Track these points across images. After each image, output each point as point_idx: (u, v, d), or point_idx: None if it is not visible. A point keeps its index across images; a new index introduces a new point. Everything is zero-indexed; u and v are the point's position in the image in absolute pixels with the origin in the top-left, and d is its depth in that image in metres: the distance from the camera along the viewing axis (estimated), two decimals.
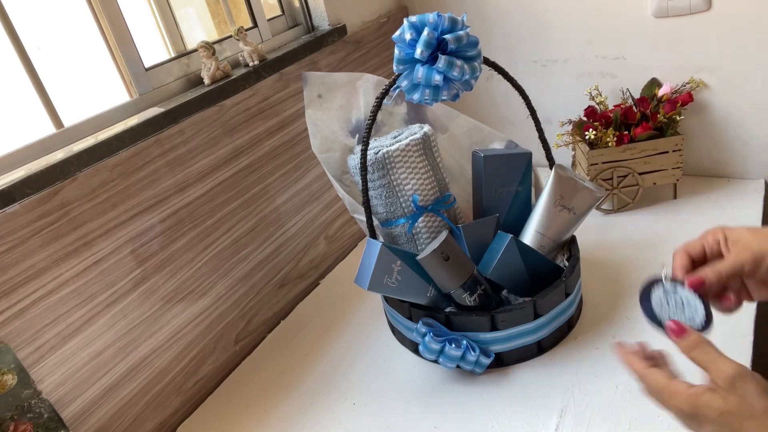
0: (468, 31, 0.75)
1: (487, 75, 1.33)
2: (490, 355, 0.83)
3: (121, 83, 0.90)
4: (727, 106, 1.14)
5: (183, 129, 0.88)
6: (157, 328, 0.87)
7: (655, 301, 0.60)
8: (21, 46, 0.77)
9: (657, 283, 0.61)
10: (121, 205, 0.80)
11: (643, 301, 0.61)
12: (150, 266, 0.85)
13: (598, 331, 0.88)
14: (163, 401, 0.88)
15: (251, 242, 1.02)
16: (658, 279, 0.61)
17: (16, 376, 0.69)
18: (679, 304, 0.60)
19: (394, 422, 0.81)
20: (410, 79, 0.76)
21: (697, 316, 0.59)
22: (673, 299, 0.60)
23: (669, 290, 0.60)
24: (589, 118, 1.15)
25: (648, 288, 0.61)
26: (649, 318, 0.60)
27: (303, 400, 0.89)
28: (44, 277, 0.72)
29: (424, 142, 0.92)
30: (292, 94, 1.08)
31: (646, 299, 0.61)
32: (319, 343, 1.00)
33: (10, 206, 0.68)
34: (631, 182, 1.13)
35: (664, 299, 0.60)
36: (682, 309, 0.59)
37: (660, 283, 0.60)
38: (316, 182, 1.16)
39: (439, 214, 0.93)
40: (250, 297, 1.03)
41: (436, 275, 0.81)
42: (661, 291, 0.60)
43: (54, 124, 0.81)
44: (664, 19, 1.12)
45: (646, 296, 0.61)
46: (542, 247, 0.89)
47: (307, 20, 1.19)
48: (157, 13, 0.98)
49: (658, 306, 0.60)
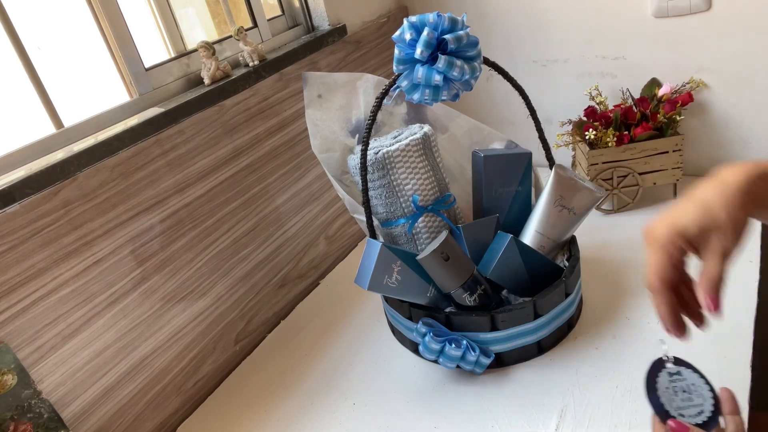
0: (468, 31, 0.75)
1: (487, 75, 1.33)
2: (490, 355, 0.83)
3: (121, 83, 0.90)
4: (727, 106, 1.14)
5: (183, 129, 0.88)
6: (157, 328, 0.87)
7: (663, 392, 0.56)
8: (21, 46, 0.77)
9: (660, 368, 0.57)
10: (121, 205, 0.80)
11: (650, 393, 0.57)
12: (150, 266, 0.85)
13: (598, 331, 0.88)
14: (163, 401, 0.88)
15: (251, 242, 1.02)
16: (661, 362, 0.57)
17: (16, 376, 0.69)
18: (686, 390, 0.56)
19: (394, 422, 0.81)
20: (410, 79, 0.76)
21: (705, 402, 0.56)
22: (681, 386, 0.57)
23: (674, 375, 0.57)
24: (589, 118, 1.15)
25: (652, 375, 0.57)
26: (659, 413, 0.55)
27: (303, 400, 0.89)
28: (44, 277, 0.72)
29: (424, 142, 0.92)
30: (292, 94, 1.08)
31: (653, 391, 0.57)
32: (319, 343, 1.00)
33: (10, 206, 0.68)
34: (631, 182, 1.13)
35: (671, 388, 0.56)
36: (689, 397, 0.56)
37: (663, 369, 0.57)
38: (316, 182, 1.16)
39: (439, 214, 0.93)
40: (250, 297, 1.03)
41: (436, 275, 0.81)
42: (667, 377, 0.57)
43: (54, 124, 0.81)
44: (664, 19, 1.12)
45: (652, 386, 0.57)
46: (542, 247, 0.89)
47: (307, 20, 1.19)
48: (157, 13, 0.98)
49: (666, 398, 0.56)
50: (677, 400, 0.56)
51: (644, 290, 0.94)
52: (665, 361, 0.58)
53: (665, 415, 0.55)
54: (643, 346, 0.83)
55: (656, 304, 0.54)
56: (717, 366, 0.77)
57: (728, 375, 0.76)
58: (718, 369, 0.77)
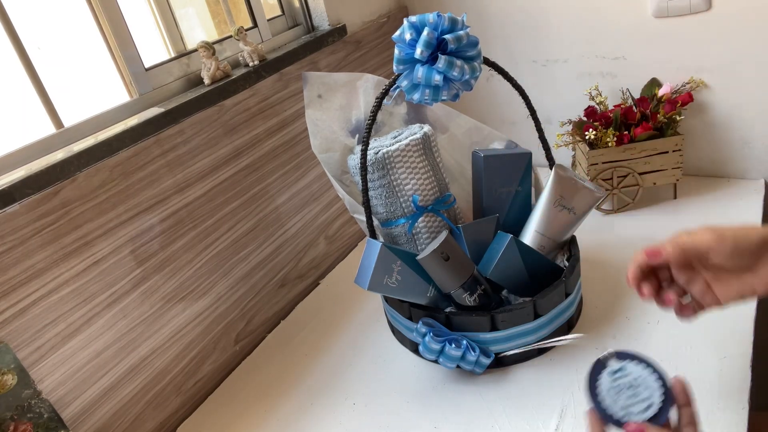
0: (468, 31, 0.75)
1: (487, 75, 1.33)
2: (490, 355, 0.83)
3: (121, 83, 0.90)
4: (727, 106, 1.14)
5: (183, 129, 0.88)
6: (157, 328, 0.87)
7: (605, 392, 0.54)
8: (21, 46, 0.77)
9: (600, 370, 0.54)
10: (121, 205, 0.80)
11: (592, 396, 0.54)
12: (150, 266, 0.85)
13: (598, 331, 0.88)
14: (163, 401, 0.88)
15: (251, 242, 1.02)
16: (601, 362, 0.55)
17: (16, 376, 0.69)
18: (631, 387, 0.53)
19: (394, 422, 0.81)
20: (410, 79, 0.76)
21: (654, 394, 0.53)
22: (626, 382, 0.54)
23: (617, 372, 0.54)
24: (589, 118, 1.15)
25: (593, 379, 0.54)
26: (603, 417, 0.53)
27: (303, 400, 0.89)
28: (44, 277, 0.72)
29: (424, 142, 0.92)
30: (292, 94, 1.08)
31: (595, 396, 0.54)
32: (319, 343, 1.00)
33: (10, 206, 0.68)
34: (631, 182, 1.13)
35: (615, 387, 0.54)
36: (635, 392, 0.53)
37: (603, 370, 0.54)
38: (316, 182, 1.16)
39: (439, 214, 0.93)
40: (250, 297, 1.03)
41: (436, 275, 0.81)
42: (608, 379, 0.54)
43: (54, 124, 0.81)
44: (664, 19, 1.12)
45: (594, 391, 0.54)
46: (542, 247, 0.89)
47: (307, 20, 1.19)
48: (157, 13, 0.98)
49: (610, 398, 0.53)
50: (622, 398, 0.53)
51: None
52: (605, 360, 0.55)
53: (610, 419, 0.53)
54: (643, 346, 0.83)
55: None
56: (717, 366, 0.78)
57: (728, 375, 0.76)
58: (718, 369, 0.77)
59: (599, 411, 0.53)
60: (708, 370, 0.77)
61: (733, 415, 0.70)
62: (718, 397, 0.73)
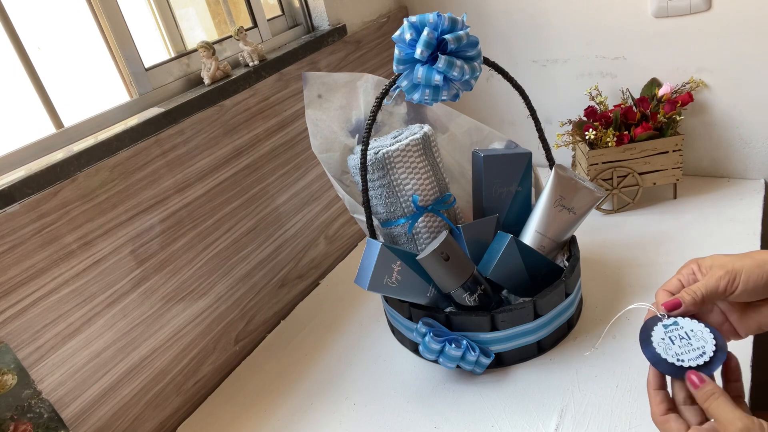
0: (468, 31, 0.75)
1: (487, 75, 1.33)
2: (490, 355, 0.83)
3: (121, 83, 0.90)
4: (727, 106, 1.14)
5: (183, 129, 0.88)
6: (157, 328, 0.87)
7: (658, 343, 0.55)
8: (21, 46, 0.77)
9: (656, 322, 0.56)
10: (121, 205, 0.80)
11: (645, 347, 0.56)
12: (150, 266, 0.85)
13: (598, 331, 0.88)
14: (163, 401, 0.88)
15: (251, 242, 1.02)
16: (655, 318, 0.57)
17: (16, 376, 0.69)
18: (684, 337, 0.55)
19: (394, 422, 0.81)
20: (410, 79, 0.76)
21: (707, 344, 0.54)
22: (677, 335, 0.55)
23: (670, 326, 0.56)
24: (589, 118, 1.15)
25: (647, 331, 0.56)
26: (655, 362, 0.55)
27: (303, 400, 0.89)
28: (44, 277, 0.72)
29: (424, 142, 0.92)
30: (292, 94, 1.08)
31: (647, 344, 0.56)
32: (319, 343, 1.00)
33: (10, 206, 0.68)
34: (631, 182, 1.13)
35: (668, 338, 0.55)
36: (689, 342, 0.55)
37: (658, 322, 0.56)
38: (316, 182, 1.16)
39: (439, 214, 0.93)
40: (250, 297, 1.03)
41: (436, 275, 0.81)
42: (662, 330, 0.56)
43: (54, 124, 0.81)
44: (664, 19, 1.12)
45: (646, 340, 0.56)
46: (542, 247, 0.89)
47: (307, 20, 1.19)
48: (157, 13, 0.98)
49: (662, 348, 0.55)
50: (674, 347, 0.55)
51: (644, 290, 0.94)
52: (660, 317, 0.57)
53: (664, 365, 0.54)
54: None
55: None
56: None
57: None
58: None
59: (651, 356, 0.55)
60: None
61: None
62: None
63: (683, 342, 0.55)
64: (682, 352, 0.54)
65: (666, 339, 0.55)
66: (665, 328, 0.56)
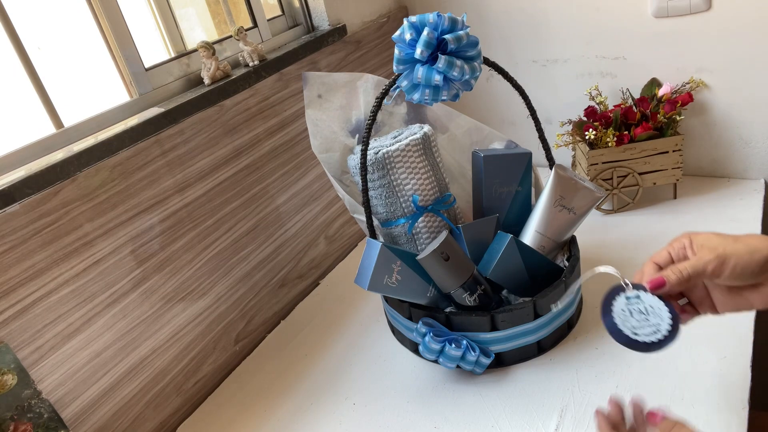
0: (468, 31, 0.75)
1: (487, 75, 1.33)
2: (490, 355, 0.83)
3: (121, 83, 0.90)
4: (727, 106, 1.14)
5: (183, 129, 0.88)
6: (157, 328, 0.87)
7: (617, 314, 0.57)
8: (21, 46, 0.77)
9: (618, 292, 0.57)
10: (121, 205, 0.80)
11: (605, 315, 0.57)
12: (150, 266, 0.85)
13: (598, 331, 0.88)
14: (163, 401, 0.88)
15: (251, 242, 1.02)
16: (619, 287, 0.57)
17: (16, 376, 0.69)
18: (643, 312, 0.57)
19: (394, 422, 0.81)
20: (410, 79, 0.76)
21: (662, 322, 0.56)
22: (637, 308, 0.57)
23: (632, 298, 0.57)
24: (589, 118, 1.15)
25: (609, 299, 0.57)
26: (612, 332, 0.57)
27: (303, 400, 0.89)
28: (44, 277, 0.72)
29: (424, 142, 0.92)
30: (292, 94, 1.08)
31: (608, 313, 0.57)
32: (319, 343, 1.00)
33: (10, 206, 0.68)
34: (631, 182, 1.13)
35: (627, 310, 0.57)
36: (646, 318, 0.56)
37: (621, 293, 0.57)
38: (316, 182, 1.16)
39: (439, 214, 0.93)
40: (250, 297, 1.03)
41: (436, 275, 0.81)
42: (624, 301, 0.57)
43: (54, 124, 0.81)
44: (664, 19, 1.12)
45: (607, 309, 0.57)
46: (542, 247, 0.89)
47: (307, 20, 1.19)
48: (157, 13, 0.98)
49: (620, 319, 0.57)
50: (632, 320, 0.57)
51: None
52: (624, 288, 0.58)
53: (619, 335, 0.56)
54: None
55: None
56: (717, 366, 0.78)
57: (728, 375, 0.76)
58: (718, 369, 0.77)
59: (610, 327, 0.57)
60: (708, 370, 0.77)
61: (733, 415, 0.70)
62: (718, 397, 0.73)
63: (641, 317, 0.57)
64: (639, 326, 0.56)
65: (626, 311, 0.57)
66: (627, 300, 0.57)
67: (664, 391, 0.75)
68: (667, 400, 0.74)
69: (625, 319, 0.57)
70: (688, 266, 0.56)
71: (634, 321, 0.57)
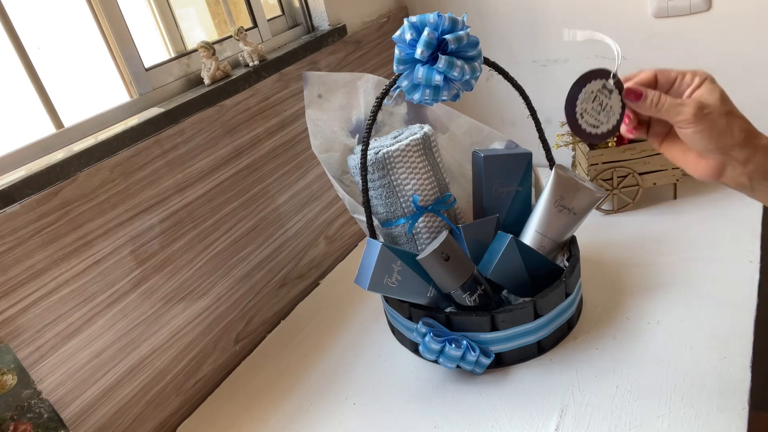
0: (468, 31, 0.75)
1: (487, 75, 1.33)
2: (490, 355, 0.83)
3: (121, 83, 0.90)
4: None
5: (183, 129, 0.88)
6: (157, 328, 0.87)
7: (586, 91, 0.59)
8: (21, 46, 0.77)
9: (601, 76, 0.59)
10: (121, 205, 0.80)
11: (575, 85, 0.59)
12: (150, 266, 0.85)
13: (598, 331, 0.88)
14: (163, 401, 0.88)
15: (251, 242, 1.02)
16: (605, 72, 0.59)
17: (16, 376, 0.69)
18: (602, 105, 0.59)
19: (394, 422, 0.81)
20: (410, 79, 0.76)
21: (608, 123, 0.59)
22: (600, 99, 0.59)
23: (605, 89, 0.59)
24: None
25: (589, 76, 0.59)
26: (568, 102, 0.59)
27: (303, 400, 0.89)
28: (44, 277, 0.72)
29: (424, 142, 0.92)
30: (292, 94, 1.08)
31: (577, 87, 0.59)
32: (319, 343, 1.00)
33: (10, 206, 0.68)
34: (631, 182, 1.13)
35: (594, 95, 0.59)
36: (599, 110, 0.59)
37: (602, 78, 0.59)
38: (316, 182, 1.16)
39: (439, 214, 0.93)
40: (250, 297, 1.03)
41: (436, 275, 0.81)
42: (598, 85, 0.59)
43: (54, 124, 0.81)
44: (664, 19, 1.12)
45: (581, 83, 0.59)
46: (542, 247, 0.89)
47: (307, 20, 1.19)
48: (157, 13, 0.98)
49: (581, 98, 0.59)
50: (589, 105, 0.59)
51: (644, 290, 0.94)
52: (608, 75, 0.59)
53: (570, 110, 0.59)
54: (643, 346, 0.83)
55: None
56: (717, 366, 0.78)
57: (728, 375, 0.76)
58: (718, 369, 0.77)
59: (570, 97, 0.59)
60: (708, 370, 0.77)
61: (733, 415, 0.70)
62: (718, 397, 0.73)
63: (597, 107, 0.59)
64: (590, 114, 0.59)
65: (591, 95, 0.59)
66: (602, 87, 0.59)
67: (664, 391, 0.75)
68: (667, 400, 0.74)
69: (585, 99, 0.59)
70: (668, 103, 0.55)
71: (589, 106, 0.59)
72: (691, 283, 0.93)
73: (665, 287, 0.93)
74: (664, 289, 0.93)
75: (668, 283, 0.94)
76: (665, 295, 0.92)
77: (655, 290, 0.93)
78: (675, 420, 0.71)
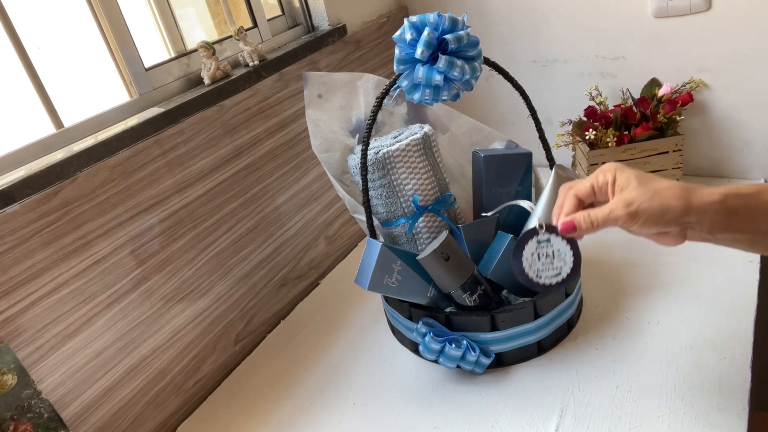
0: (468, 31, 0.75)
1: (487, 75, 1.33)
2: (490, 355, 0.83)
3: (121, 83, 0.90)
4: (727, 106, 1.14)
5: (183, 129, 0.88)
6: (157, 328, 0.87)
7: (527, 257, 0.61)
8: (21, 46, 0.77)
9: (532, 236, 0.61)
10: (121, 205, 0.80)
11: (515, 256, 0.61)
12: (150, 266, 0.85)
13: (598, 331, 0.88)
14: (163, 401, 0.88)
15: (251, 242, 1.02)
16: (534, 231, 0.61)
17: (16, 376, 0.69)
18: (549, 256, 0.61)
19: (394, 422, 0.81)
20: (411, 79, 0.76)
21: (565, 266, 0.61)
22: (545, 252, 0.61)
23: (542, 242, 0.61)
24: (589, 119, 1.16)
25: (522, 243, 0.61)
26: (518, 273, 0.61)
27: (303, 400, 0.89)
28: (44, 277, 0.72)
29: (425, 142, 0.92)
30: (292, 94, 1.08)
31: (518, 256, 0.61)
32: (319, 343, 1.00)
33: (10, 206, 0.68)
34: None
35: (537, 254, 0.61)
36: (551, 261, 0.61)
37: (535, 236, 0.61)
38: (316, 182, 1.16)
39: (439, 214, 0.93)
40: (250, 297, 1.03)
41: (436, 275, 0.81)
42: (535, 244, 0.61)
43: (54, 124, 0.81)
44: (664, 19, 1.12)
45: (519, 253, 0.61)
46: None
47: (307, 20, 1.19)
48: (157, 13, 0.98)
49: (528, 263, 0.61)
50: (538, 263, 0.62)
51: (644, 290, 0.94)
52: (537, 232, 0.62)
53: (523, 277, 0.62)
54: (643, 346, 0.83)
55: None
56: (717, 366, 0.78)
57: (728, 375, 0.76)
58: (718, 369, 0.77)
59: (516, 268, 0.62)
60: (708, 370, 0.77)
61: (733, 415, 0.70)
62: (718, 397, 0.73)
63: (547, 260, 0.62)
64: (543, 269, 0.61)
65: (535, 254, 0.62)
66: (538, 244, 0.61)
67: (664, 391, 0.75)
68: (667, 400, 0.74)
69: (532, 262, 0.61)
70: (600, 218, 0.59)
71: (539, 264, 0.61)
72: (691, 283, 0.93)
73: (665, 287, 0.93)
74: (664, 289, 0.93)
75: (668, 283, 0.94)
76: (665, 295, 0.92)
77: (655, 290, 0.93)
78: (675, 420, 0.71)
